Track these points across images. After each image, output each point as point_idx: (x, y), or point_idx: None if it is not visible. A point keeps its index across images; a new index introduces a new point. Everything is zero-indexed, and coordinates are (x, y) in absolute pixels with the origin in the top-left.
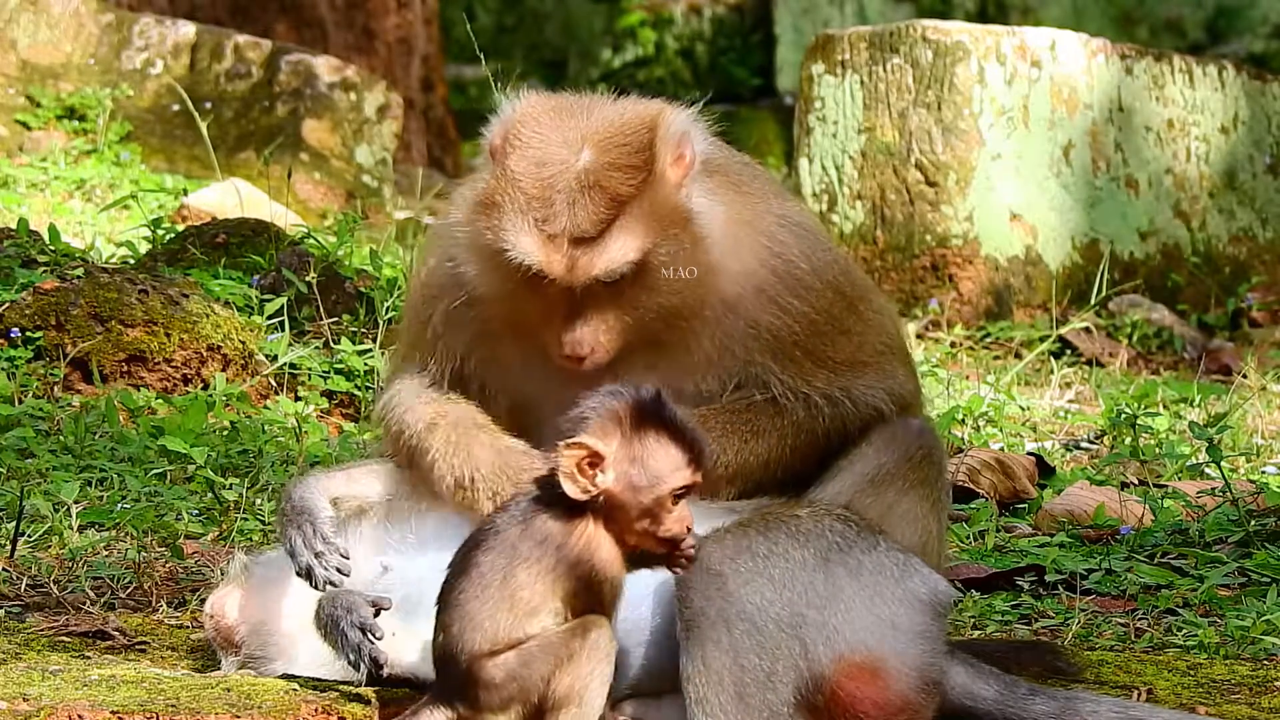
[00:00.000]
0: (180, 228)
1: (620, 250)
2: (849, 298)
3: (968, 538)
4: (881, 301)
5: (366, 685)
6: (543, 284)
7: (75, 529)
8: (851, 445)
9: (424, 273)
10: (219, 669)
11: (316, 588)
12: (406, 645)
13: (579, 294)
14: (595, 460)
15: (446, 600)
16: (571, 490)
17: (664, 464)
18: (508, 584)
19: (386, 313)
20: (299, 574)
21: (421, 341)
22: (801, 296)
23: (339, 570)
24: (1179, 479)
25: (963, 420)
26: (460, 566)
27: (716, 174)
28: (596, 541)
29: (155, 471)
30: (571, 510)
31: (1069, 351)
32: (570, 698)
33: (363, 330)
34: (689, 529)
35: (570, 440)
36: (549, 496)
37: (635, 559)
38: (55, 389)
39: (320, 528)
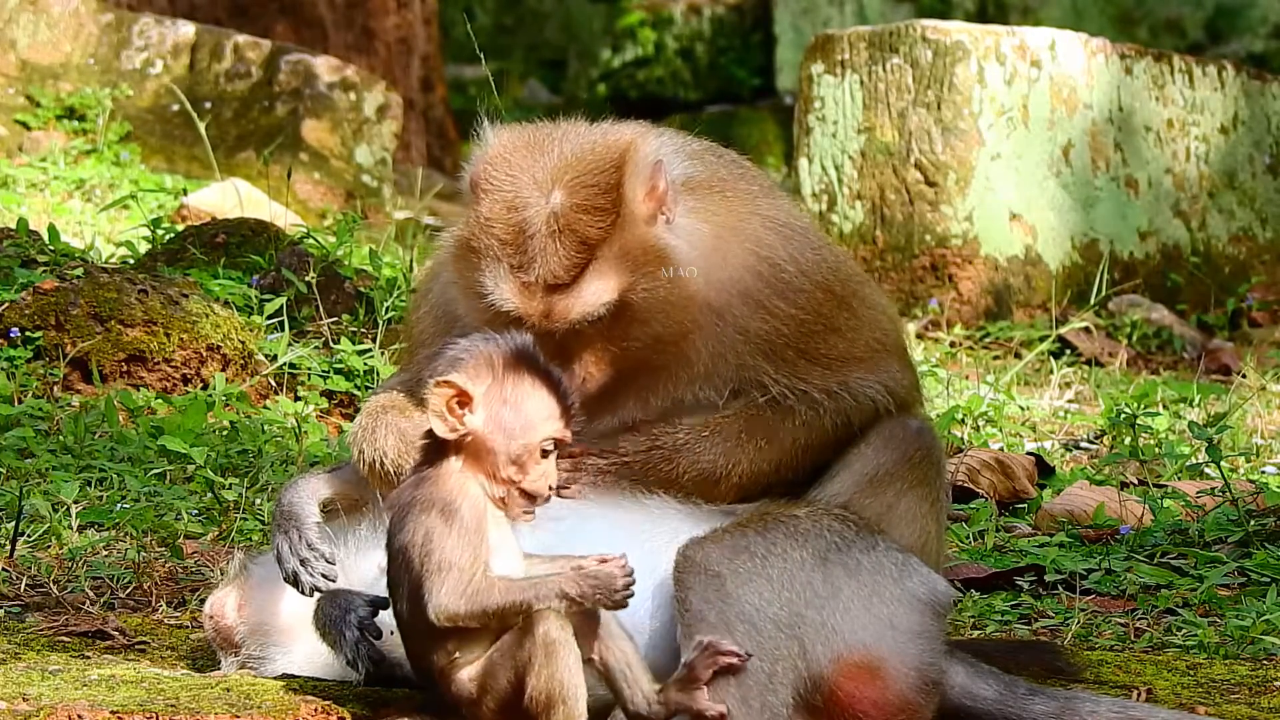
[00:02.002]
0: (180, 228)
1: (594, 294)
2: (839, 296)
3: (967, 538)
4: (876, 297)
5: (365, 684)
6: (525, 327)
7: (75, 529)
8: (850, 445)
9: (424, 306)
10: (219, 669)
11: (304, 593)
12: None
13: (560, 336)
14: (464, 400)
15: (400, 620)
16: (439, 429)
17: (537, 410)
18: (428, 557)
19: (386, 313)
20: (286, 579)
21: (417, 360)
22: (789, 299)
23: (325, 576)
24: (1179, 479)
25: (962, 420)
26: (391, 578)
27: (699, 188)
28: (462, 481)
29: (155, 471)
30: (443, 456)
31: (1069, 351)
32: (552, 701)
33: (362, 330)
34: (551, 487)
35: (440, 379)
36: (428, 457)
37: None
38: (55, 389)
39: (306, 534)
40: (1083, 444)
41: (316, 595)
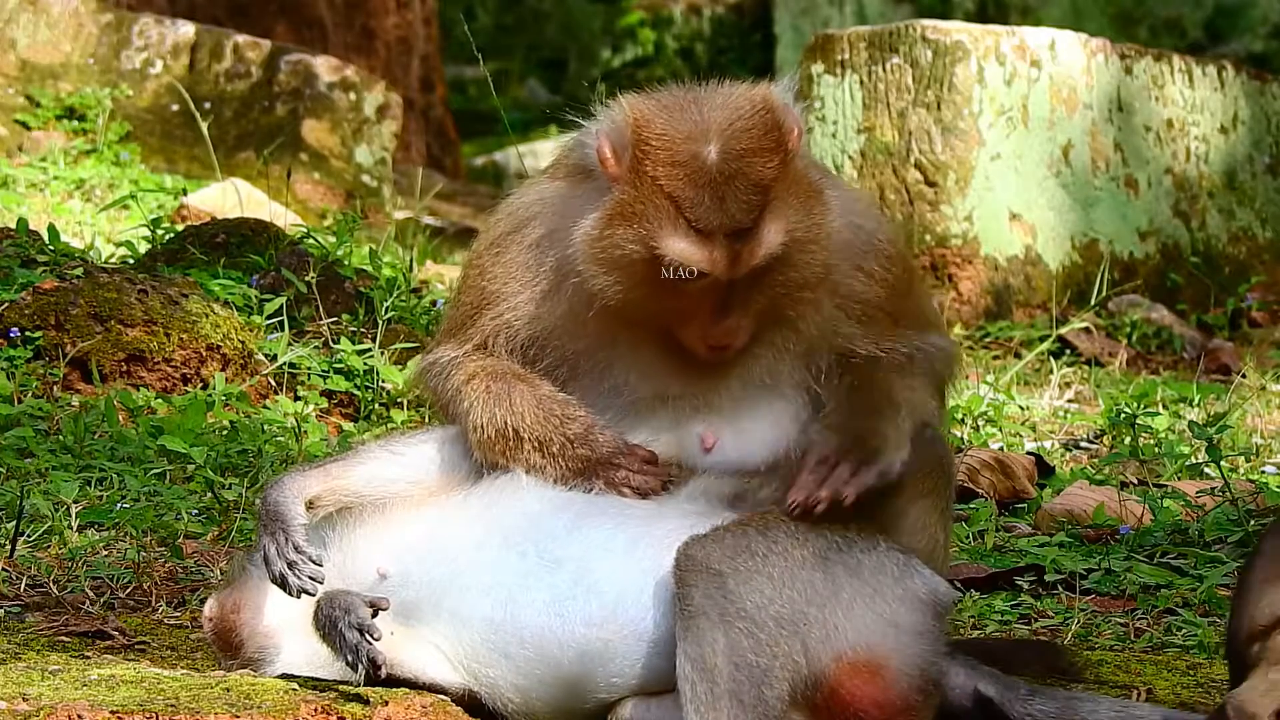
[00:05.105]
0: (180, 228)
1: (774, 235)
2: (910, 266)
3: (967, 537)
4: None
5: (365, 685)
6: (693, 281)
7: (75, 529)
8: None
9: (498, 266)
10: (219, 669)
11: (292, 595)
12: (405, 646)
13: (729, 286)
14: None
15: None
16: None
17: None
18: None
19: (386, 313)
20: (273, 581)
21: (485, 321)
22: (882, 263)
23: (312, 578)
24: (1179, 479)
25: (962, 420)
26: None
27: None
28: None
29: (155, 471)
30: None
31: (1068, 351)
32: None
33: (362, 330)
34: None
35: None
36: None
37: None
38: (55, 389)
39: (292, 535)
40: (1083, 444)
41: (306, 599)
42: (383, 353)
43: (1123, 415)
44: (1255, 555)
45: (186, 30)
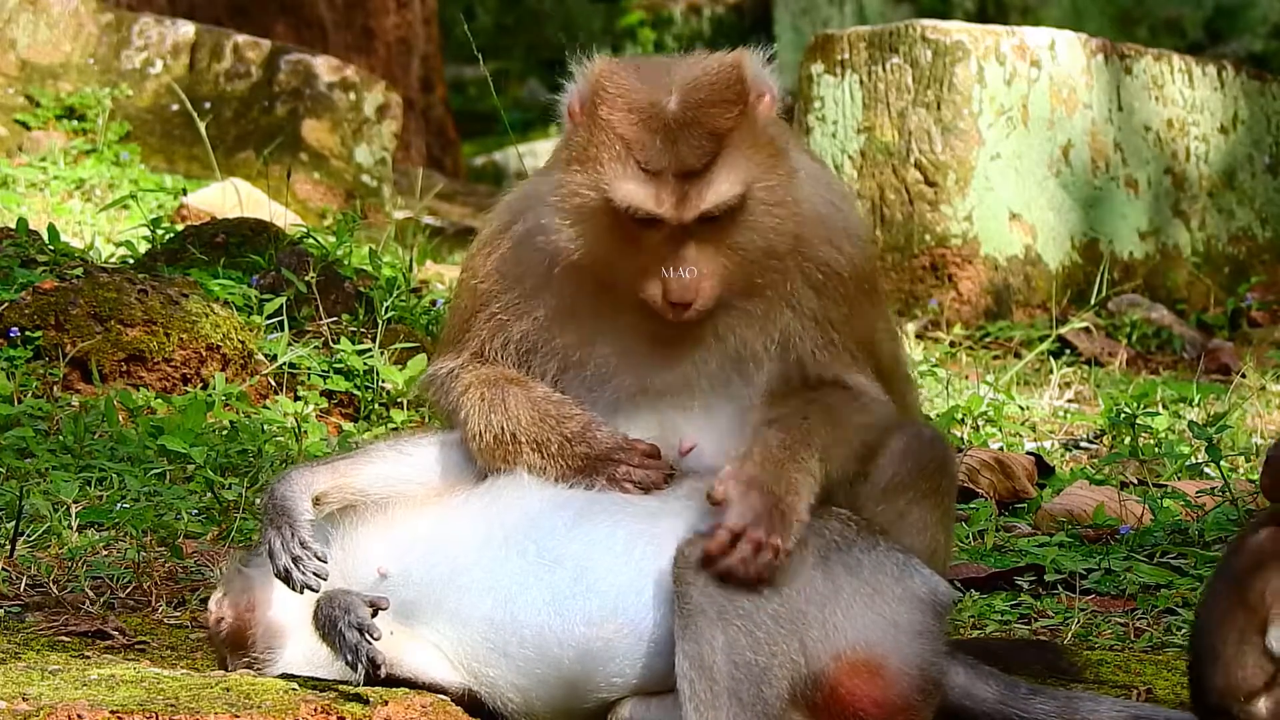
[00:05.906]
0: (179, 227)
1: (727, 183)
2: (877, 279)
3: (967, 537)
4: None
5: (365, 685)
6: (647, 229)
7: (75, 529)
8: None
9: (488, 265)
10: (219, 669)
11: (295, 591)
12: (405, 646)
13: (683, 236)
14: None
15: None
16: None
17: None
18: (1241, 600)
19: (386, 313)
20: (277, 576)
21: (479, 324)
22: (853, 244)
23: (316, 574)
24: (1178, 479)
25: (962, 420)
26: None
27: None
28: None
29: (155, 471)
30: None
31: (1068, 351)
32: None
33: (362, 330)
34: None
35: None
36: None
37: None
38: (55, 389)
39: (299, 531)
40: (1083, 444)
41: (313, 596)
42: (382, 353)
43: (1123, 415)
44: (1211, 622)
45: (186, 30)
